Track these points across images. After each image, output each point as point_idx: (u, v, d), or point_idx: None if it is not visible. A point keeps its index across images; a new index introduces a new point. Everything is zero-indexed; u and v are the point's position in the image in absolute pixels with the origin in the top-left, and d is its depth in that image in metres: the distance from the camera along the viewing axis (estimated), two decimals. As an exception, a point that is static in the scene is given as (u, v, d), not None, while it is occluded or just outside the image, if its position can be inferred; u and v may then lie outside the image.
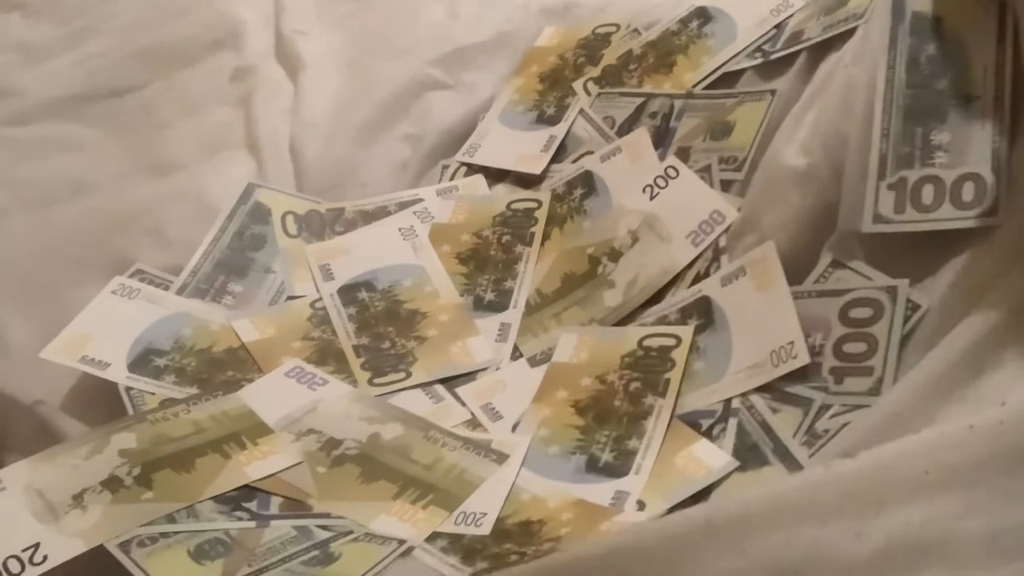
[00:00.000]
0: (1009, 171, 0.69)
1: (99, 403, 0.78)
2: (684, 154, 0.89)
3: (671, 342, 0.77)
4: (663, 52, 0.98)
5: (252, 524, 0.69)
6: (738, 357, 0.75)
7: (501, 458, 0.73)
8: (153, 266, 0.89)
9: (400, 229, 0.94)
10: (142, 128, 1.03)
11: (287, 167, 0.99)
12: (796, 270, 0.76)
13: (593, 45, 1.04)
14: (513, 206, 0.94)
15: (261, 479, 0.72)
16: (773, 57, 0.91)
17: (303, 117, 1.01)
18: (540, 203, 0.93)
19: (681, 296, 0.81)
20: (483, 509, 0.69)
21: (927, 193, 0.71)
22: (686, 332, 0.78)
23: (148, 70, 1.07)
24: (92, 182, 0.99)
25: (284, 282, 0.91)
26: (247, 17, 1.08)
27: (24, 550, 0.63)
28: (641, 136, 0.92)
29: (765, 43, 0.93)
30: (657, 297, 0.83)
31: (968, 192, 0.69)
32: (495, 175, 1.00)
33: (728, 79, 0.94)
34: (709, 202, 0.84)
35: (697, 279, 0.82)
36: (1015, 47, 0.71)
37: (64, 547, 0.64)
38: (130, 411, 0.77)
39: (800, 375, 0.72)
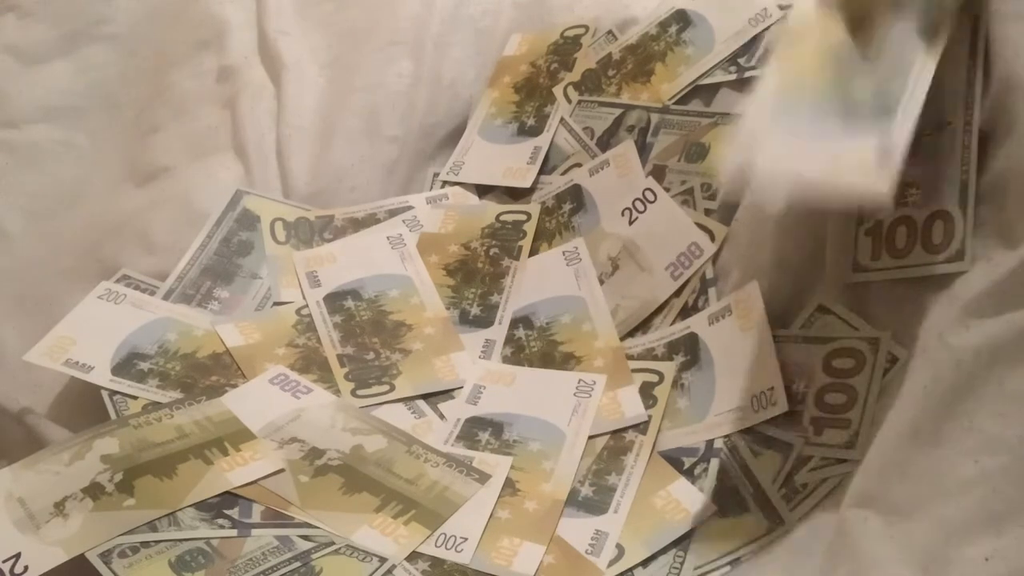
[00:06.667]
0: (976, 207, 0.68)
1: (85, 410, 0.79)
2: (660, 172, 0.90)
3: (654, 378, 0.78)
4: (642, 58, 0.98)
5: (234, 532, 0.69)
6: (721, 398, 0.75)
7: (483, 477, 0.74)
8: (140, 272, 0.89)
9: (388, 238, 0.94)
10: (133, 132, 1.02)
11: (274, 171, 0.99)
12: (779, 312, 0.77)
13: (564, 50, 1.04)
14: (502, 218, 0.94)
15: (243, 486, 0.72)
16: (747, 75, 0.91)
17: (288, 120, 1.01)
18: (529, 215, 0.93)
19: (669, 330, 0.82)
20: (464, 533, 0.69)
21: (900, 236, 0.71)
22: (669, 369, 0.79)
23: (140, 73, 1.06)
24: (84, 188, 0.99)
25: (271, 288, 0.91)
26: (232, 17, 1.07)
27: (5, 560, 0.63)
28: (628, 149, 0.92)
29: (741, 56, 0.93)
30: (643, 326, 0.84)
31: (938, 233, 0.69)
32: (483, 186, 1.00)
33: (704, 93, 0.94)
34: (687, 233, 0.84)
35: (684, 310, 0.83)
36: (986, 61, 0.70)
37: (45, 557, 0.64)
38: (113, 416, 0.77)
39: (782, 421, 0.72)
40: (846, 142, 0.63)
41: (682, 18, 0.98)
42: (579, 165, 0.95)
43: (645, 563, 0.69)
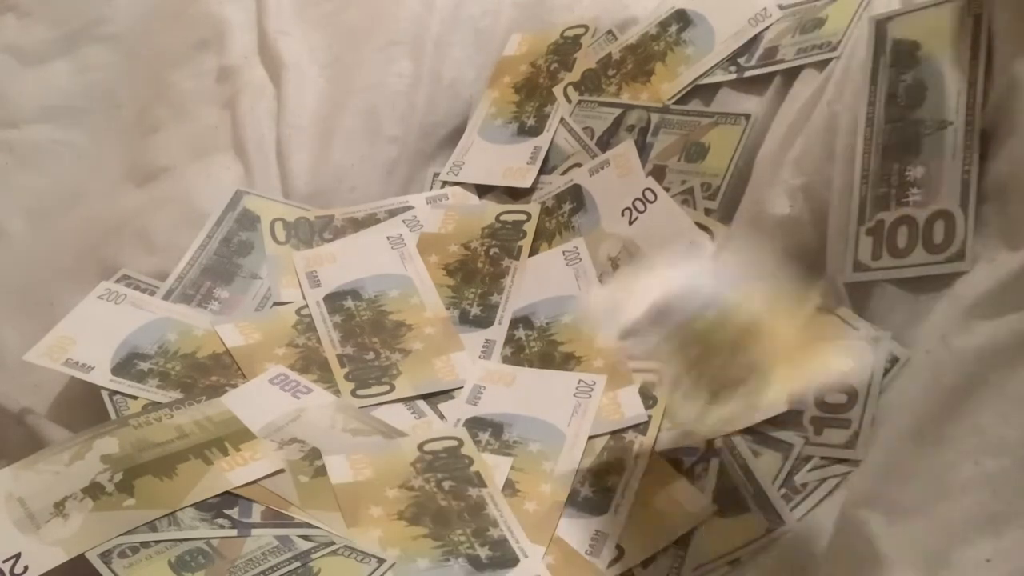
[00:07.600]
0: (978, 207, 0.69)
1: (85, 410, 0.79)
2: (660, 172, 0.90)
3: (654, 378, 0.78)
4: (642, 58, 0.98)
5: (233, 532, 0.69)
6: None
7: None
8: (140, 272, 0.89)
9: (388, 238, 0.93)
10: (133, 132, 1.03)
11: (274, 171, 0.99)
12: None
13: (564, 49, 1.04)
14: (502, 218, 0.94)
15: (243, 486, 0.72)
16: (747, 74, 0.92)
17: (288, 120, 1.01)
18: (529, 215, 0.93)
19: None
20: (464, 534, 0.69)
21: (902, 236, 0.72)
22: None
23: (139, 73, 1.06)
24: (84, 188, 0.99)
25: (271, 288, 0.91)
26: (232, 17, 1.07)
27: (5, 560, 0.64)
28: (628, 149, 0.92)
29: (740, 55, 0.94)
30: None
31: (939, 233, 0.70)
32: (483, 186, 1.00)
33: (703, 93, 0.94)
34: (687, 233, 0.84)
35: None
36: (988, 61, 0.70)
37: (45, 557, 0.64)
38: (113, 416, 0.77)
39: (782, 421, 0.72)
40: None
41: (682, 18, 0.98)
42: (579, 165, 0.95)
43: (645, 563, 0.69)
